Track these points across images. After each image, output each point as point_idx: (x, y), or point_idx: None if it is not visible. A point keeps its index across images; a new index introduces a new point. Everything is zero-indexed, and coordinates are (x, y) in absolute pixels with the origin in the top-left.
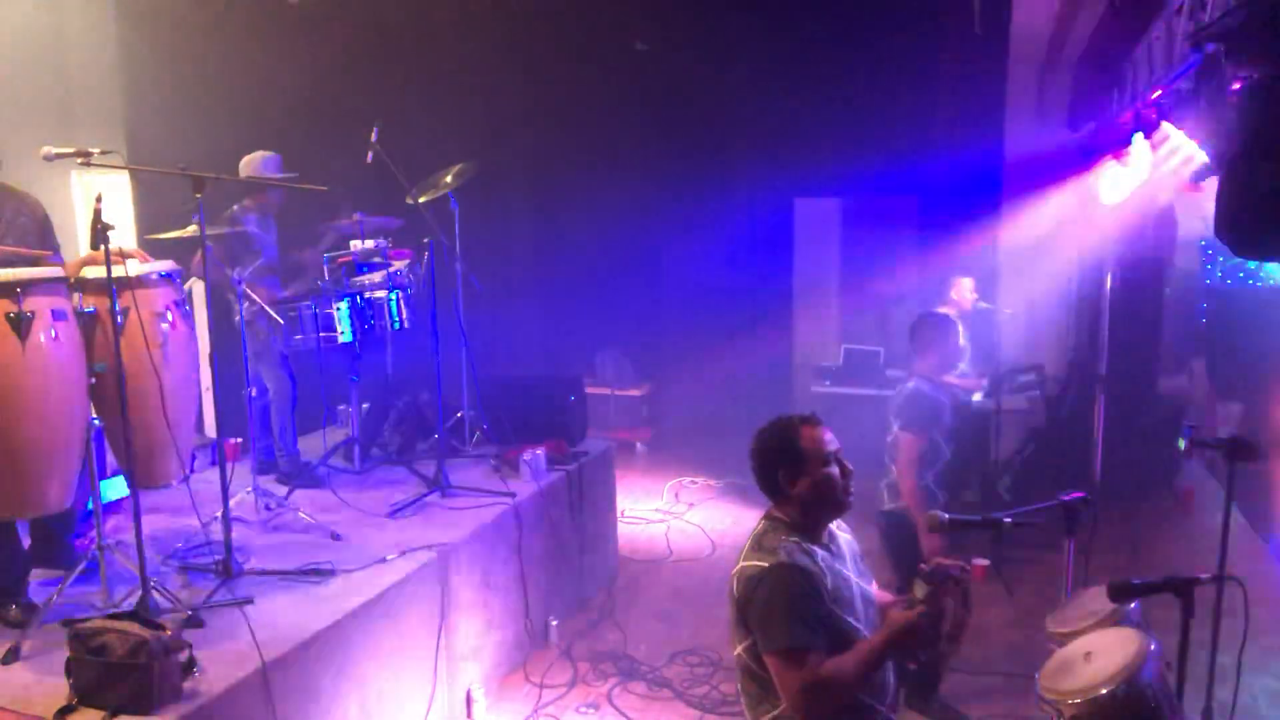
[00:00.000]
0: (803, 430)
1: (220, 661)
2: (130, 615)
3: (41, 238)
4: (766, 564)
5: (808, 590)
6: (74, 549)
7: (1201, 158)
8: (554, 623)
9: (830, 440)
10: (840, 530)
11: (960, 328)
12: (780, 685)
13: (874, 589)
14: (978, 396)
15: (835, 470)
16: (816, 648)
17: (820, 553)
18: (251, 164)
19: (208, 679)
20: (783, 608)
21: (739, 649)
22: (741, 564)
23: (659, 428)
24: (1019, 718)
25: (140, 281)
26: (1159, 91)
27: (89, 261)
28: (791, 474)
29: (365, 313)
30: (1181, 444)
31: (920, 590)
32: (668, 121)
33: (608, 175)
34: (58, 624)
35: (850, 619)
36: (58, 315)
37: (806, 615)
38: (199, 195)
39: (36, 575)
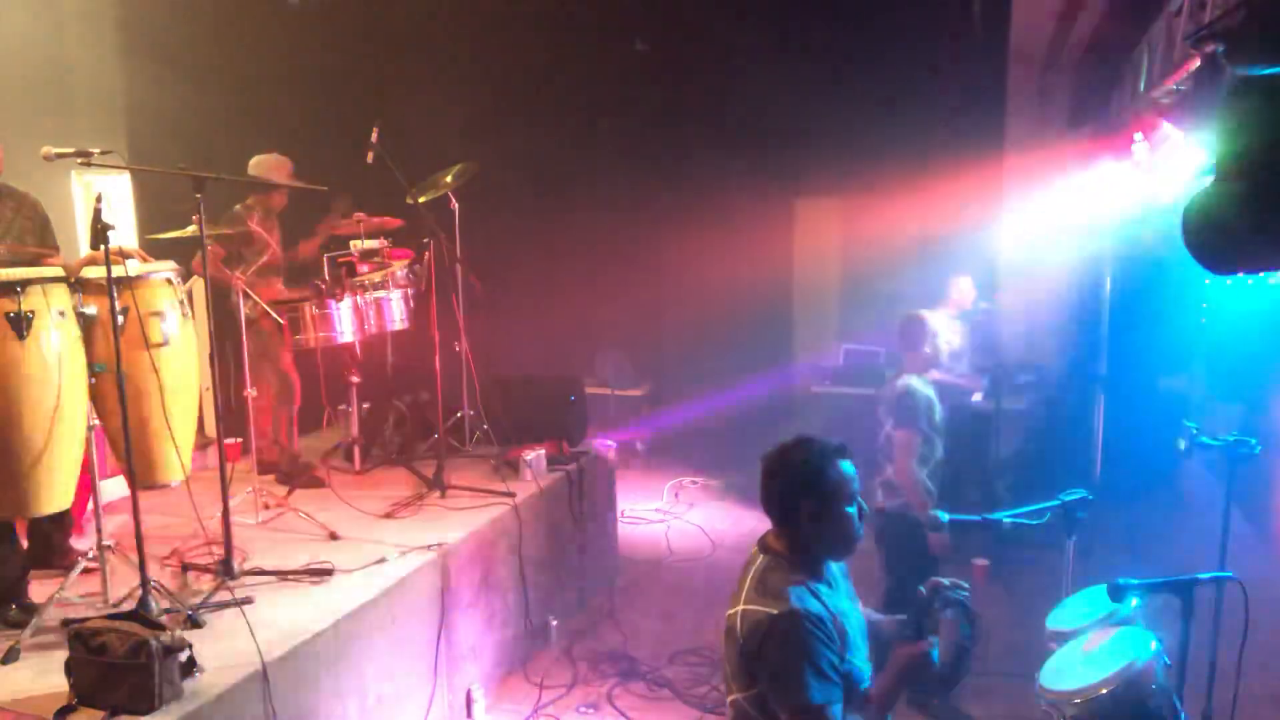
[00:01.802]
0: (833, 466)
1: (220, 661)
2: (130, 615)
3: (41, 237)
4: (776, 610)
5: (822, 639)
6: (71, 551)
7: (1201, 157)
8: (554, 623)
9: (855, 478)
10: None
11: (960, 327)
12: None
13: (864, 610)
14: (978, 396)
15: (855, 511)
16: (835, 701)
17: (824, 590)
18: (261, 165)
19: (208, 679)
20: (800, 662)
21: (738, 695)
22: (743, 606)
23: (659, 428)
24: (1019, 718)
25: (140, 281)
26: (1159, 91)
27: (89, 261)
28: (816, 511)
29: (365, 313)
30: (1181, 444)
31: (929, 618)
32: (668, 121)
33: (608, 175)
34: (58, 624)
35: (858, 662)
36: (58, 315)
37: (823, 667)
38: (199, 195)
39: (36, 575)
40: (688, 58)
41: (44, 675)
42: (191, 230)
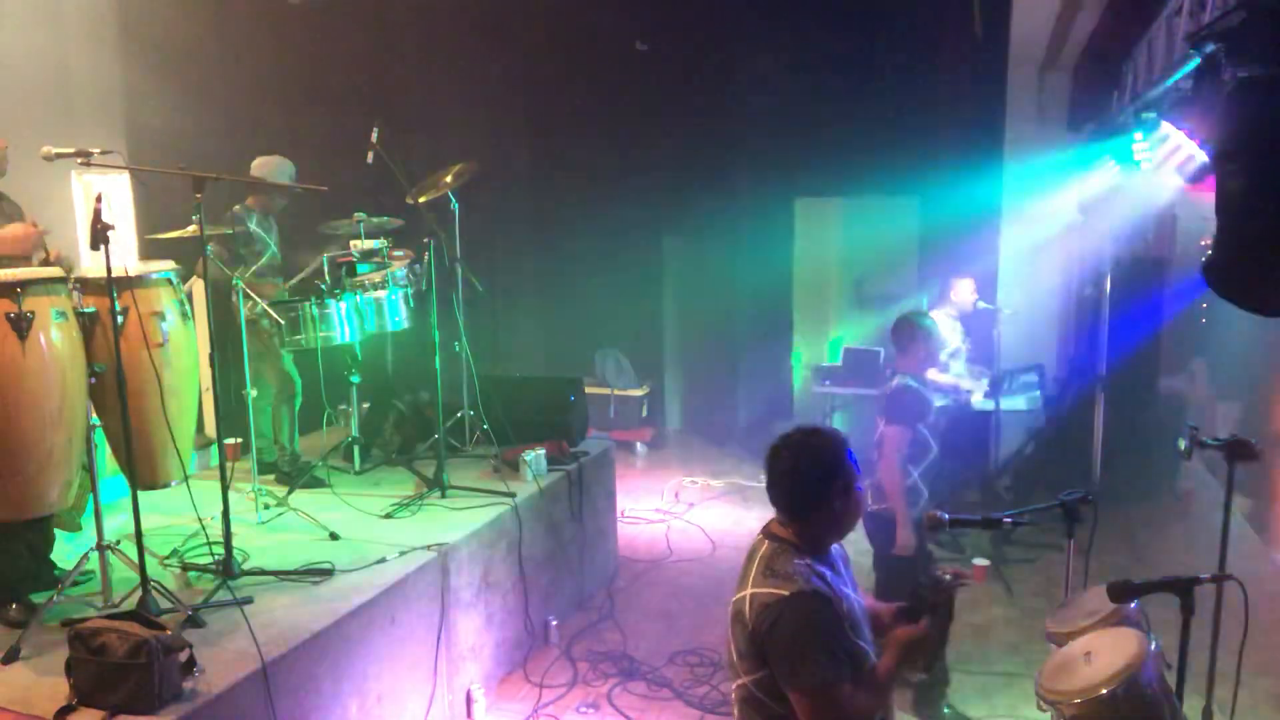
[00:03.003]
0: (849, 449)
1: (220, 661)
2: (130, 615)
3: None
4: (786, 592)
5: (831, 618)
6: (54, 566)
7: (1201, 157)
8: (554, 623)
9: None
10: None
11: (959, 328)
12: None
13: (864, 598)
14: (977, 396)
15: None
16: (845, 680)
17: (828, 574)
18: (264, 166)
19: (208, 679)
20: (811, 641)
21: (745, 680)
22: (751, 590)
23: (659, 428)
24: (1019, 718)
25: (140, 281)
26: (1158, 91)
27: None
28: (843, 491)
29: (365, 313)
30: (1181, 444)
31: (928, 602)
32: (668, 122)
33: (608, 175)
34: (58, 624)
35: (862, 643)
36: (58, 315)
37: (834, 647)
38: (199, 195)
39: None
40: (688, 58)
41: (44, 675)
42: (191, 230)
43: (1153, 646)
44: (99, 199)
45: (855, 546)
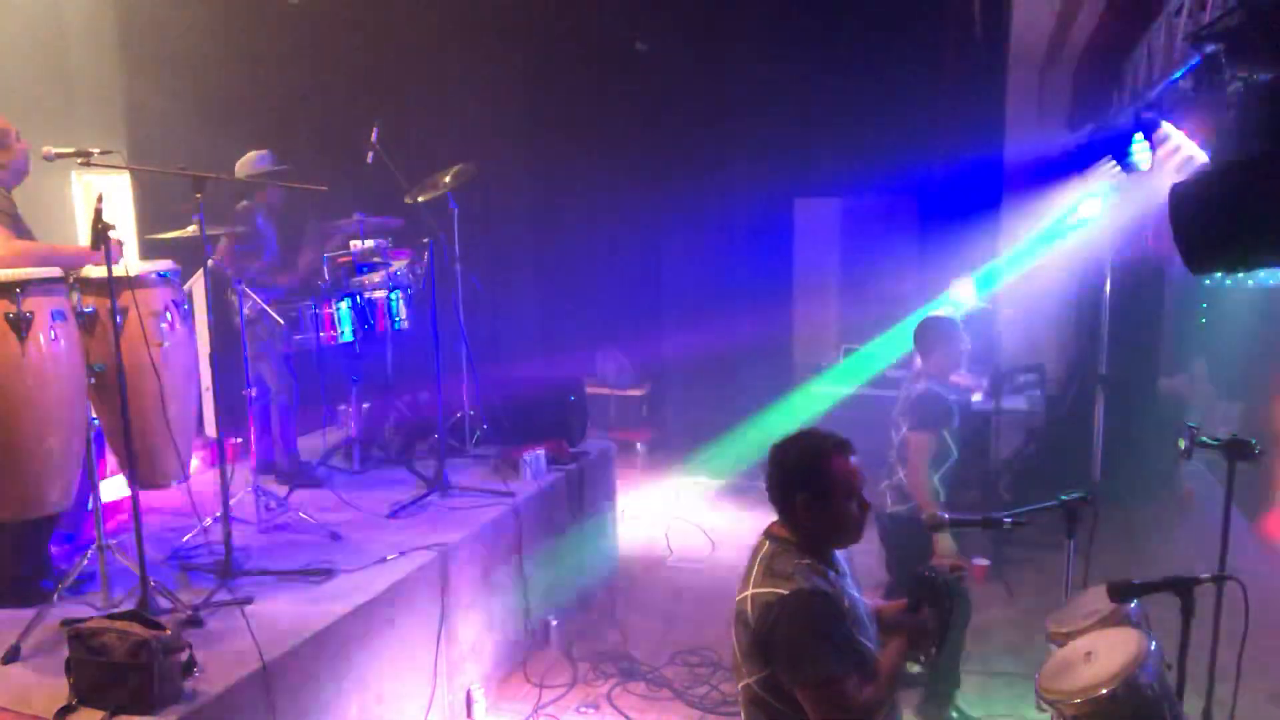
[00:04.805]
0: (834, 460)
1: (220, 661)
2: (130, 615)
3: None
4: (785, 590)
5: (833, 614)
6: (42, 588)
7: (1201, 158)
8: (554, 623)
9: (857, 473)
10: None
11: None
12: (815, 717)
13: (870, 599)
14: (977, 396)
15: (855, 506)
16: (849, 674)
17: (830, 573)
18: (248, 164)
19: (208, 679)
20: (812, 637)
21: (749, 680)
22: (753, 590)
23: (659, 428)
24: (1019, 718)
25: (140, 281)
26: (1158, 91)
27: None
28: (811, 502)
29: (365, 313)
30: (1181, 444)
31: (926, 593)
32: (668, 122)
33: (607, 175)
34: (58, 624)
35: (865, 640)
36: (57, 315)
37: (836, 641)
38: (199, 195)
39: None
40: (688, 58)
41: (44, 675)
42: (192, 230)
43: (1153, 646)
44: (99, 199)
45: (859, 546)
